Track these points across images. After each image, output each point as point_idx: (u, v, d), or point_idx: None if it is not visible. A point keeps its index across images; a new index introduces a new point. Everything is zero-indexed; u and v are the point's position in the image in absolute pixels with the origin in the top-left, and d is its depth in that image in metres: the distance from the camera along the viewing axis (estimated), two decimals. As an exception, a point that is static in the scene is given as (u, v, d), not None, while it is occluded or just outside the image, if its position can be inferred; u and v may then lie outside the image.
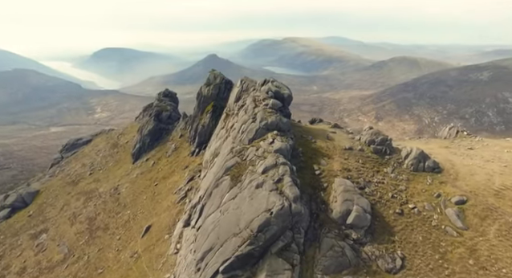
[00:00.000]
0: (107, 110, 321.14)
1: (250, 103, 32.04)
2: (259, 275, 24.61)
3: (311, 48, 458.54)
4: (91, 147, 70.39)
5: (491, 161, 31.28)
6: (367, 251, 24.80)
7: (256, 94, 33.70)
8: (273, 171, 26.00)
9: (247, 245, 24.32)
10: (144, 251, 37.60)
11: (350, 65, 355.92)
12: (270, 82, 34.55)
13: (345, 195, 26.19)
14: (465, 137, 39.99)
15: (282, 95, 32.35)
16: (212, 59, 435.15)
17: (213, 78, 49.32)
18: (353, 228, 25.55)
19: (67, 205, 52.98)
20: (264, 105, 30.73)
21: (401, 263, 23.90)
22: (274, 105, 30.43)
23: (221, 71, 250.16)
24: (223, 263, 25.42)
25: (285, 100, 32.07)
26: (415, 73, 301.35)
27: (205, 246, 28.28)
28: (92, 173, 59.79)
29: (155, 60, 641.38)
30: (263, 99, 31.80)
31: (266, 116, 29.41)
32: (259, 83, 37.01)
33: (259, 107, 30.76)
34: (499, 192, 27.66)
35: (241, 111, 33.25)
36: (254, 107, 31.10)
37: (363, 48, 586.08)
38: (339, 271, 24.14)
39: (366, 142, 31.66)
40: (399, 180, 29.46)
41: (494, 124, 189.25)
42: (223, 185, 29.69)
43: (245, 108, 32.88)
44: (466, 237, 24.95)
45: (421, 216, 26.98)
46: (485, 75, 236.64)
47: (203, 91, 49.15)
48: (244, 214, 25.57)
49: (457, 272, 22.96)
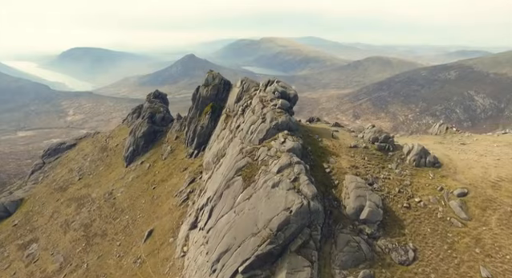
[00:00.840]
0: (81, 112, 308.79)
1: (257, 103, 32.35)
2: (279, 274, 24.96)
3: (289, 48, 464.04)
4: (76, 151, 67.73)
5: (484, 155, 33.41)
6: (381, 244, 25.80)
7: (262, 94, 34.05)
8: (288, 170, 26.50)
9: (268, 244, 24.61)
10: (149, 256, 36.96)
11: (326, 65, 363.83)
12: (276, 82, 35.05)
13: (357, 191, 27.11)
14: (454, 133, 42.35)
15: (289, 95, 32.96)
16: (190, 59, 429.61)
17: (212, 78, 49.07)
18: (366, 223, 26.49)
19: (56, 212, 50.77)
20: (273, 105, 31.18)
21: (413, 255, 25.07)
22: (283, 105, 30.98)
23: (202, 71, 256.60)
24: (243, 263, 25.54)
25: (291, 100, 32.72)
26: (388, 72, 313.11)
27: (220, 247, 28.28)
28: (81, 178, 57.62)
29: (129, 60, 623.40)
30: (271, 99, 32.24)
31: (276, 116, 29.89)
32: (263, 83, 37.40)
33: (267, 107, 31.17)
34: (496, 184, 29.59)
35: (247, 111, 33.48)
36: (262, 107, 31.46)
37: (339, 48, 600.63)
38: (355, 266, 24.97)
39: (370, 140, 32.89)
40: (403, 175, 30.85)
41: (462, 121, 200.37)
42: (235, 185, 29.83)
43: (251, 108, 33.16)
44: (470, 227, 26.51)
45: (427, 209, 28.36)
46: (452, 74, 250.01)
47: (201, 91, 48.78)
48: (262, 214, 25.83)
49: (465, 261, 24.39)
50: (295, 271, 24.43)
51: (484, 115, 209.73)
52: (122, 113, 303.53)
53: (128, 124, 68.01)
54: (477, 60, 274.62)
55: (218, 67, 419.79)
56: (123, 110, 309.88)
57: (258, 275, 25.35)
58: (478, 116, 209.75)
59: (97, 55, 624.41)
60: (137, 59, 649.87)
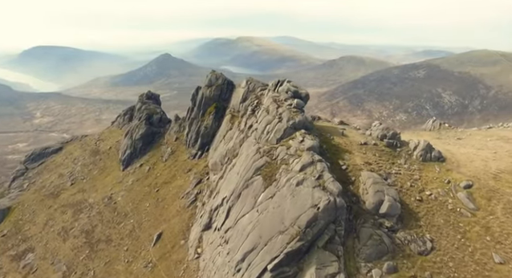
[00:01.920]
0: (50, 115, 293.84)
1: (271, 103, 32.88)
2: (308, 270, 25.65)
3: (265, 48, 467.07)
4: (63, 155, 64.86)
5: (482, 149, 35.94)
6: (400, 236, 27.16)
7: (274, 94, 34.61)
8: (311, 168, 27.28)
9: (297, 241, 25.18)
10: (160, 260, 36.47)
11: (302, 64, 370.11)
12: (286, 82, 35.73)
13: (376, 187, 28.36)
14: (447, 129, 45.07)
15: (301, 94, 33.77)
16: (165, 58, 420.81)
17: (215, 79, 48.88)
18: (385, 217, 27.79)
19: (51, 220, 48.54)
20: (288, 105, 31.85)
21: (431, 245, 26.61)
22: (298, 105, 31.75)
23: (178, 71, 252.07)
24: (271, 261, 25.98)
25: (303, 99, 33.54)
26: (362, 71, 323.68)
27: (244, 246, 28.58)
28: (74, 183, 55.36)
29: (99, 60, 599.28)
30: (285, 99, 32.89)
31: (293, 116, 30.59)
32: (273, 83, 37.96)
33: (282, 107, 31.79)
34: (496, 175, 31.95)
35: (259, 111, 33.92)
36: (277, 107, 32.03)
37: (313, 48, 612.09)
38: (379, 258, 26.13)
39: (378, 137, 34.42)
40: (412, 170, 32.58)
41: (431, 117, 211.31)
42: (255, 185, 30.22)
43: (264, 108, 33.63)
44: (479, 217, 28.52)
45: (438, 201, 30.15)
46: (421, 73, 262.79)
47: (204, 92, 48.43)
48: (288, 212, 26.40)
49: (478, 248, 26.25)
50: (324, 266, 25.21)
51: (451, 111, 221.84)
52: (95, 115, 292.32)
53: (120, 126, 66.10)
54: (443, 60, 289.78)
55: (195, 66, 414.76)
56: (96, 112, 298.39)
57: (286, 273, 25.92)
58: (446, 112, 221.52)
59: (63, 53, 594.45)
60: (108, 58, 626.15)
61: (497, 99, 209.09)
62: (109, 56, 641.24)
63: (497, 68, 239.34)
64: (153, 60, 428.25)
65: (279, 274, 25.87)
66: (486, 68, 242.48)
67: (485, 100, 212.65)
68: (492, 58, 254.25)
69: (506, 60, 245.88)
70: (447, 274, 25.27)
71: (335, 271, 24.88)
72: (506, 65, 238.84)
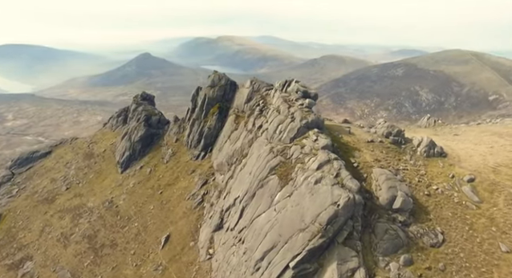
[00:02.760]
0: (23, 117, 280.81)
1: (281, 103, 33.34)
2: (329, 266, 26.36)
3: (247, 47, 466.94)
4: (54, 160, 62.56)
5: (478, 144, 37.97)
6: (413, 230, 28.35)
7: (284, 94, 35.07)
8: (328, 166, 28.00)
9: (319, 238, 25.81)
10: (170, 262, 36.19)
11: (285, 63, 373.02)
12: (295, 82, 36.30)
13: (388, 183, 29.48)
14: (442, 126, 47.17)
15: (310, 94, 34.41)
16: (145, 57, 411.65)
17: (218, 79, 48.72)
18: (399, 212, 28.92)
19: (48, 226, 46.83)
20: (300, 105, 32.43)
21: (442, 238, 27.93)
22: (310, 104, 32.36)
23: (159, 71, 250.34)
24: (293, 259, 26.53)
25: (312, 99, 34.18)
26: (343, 70, 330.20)
27: (263, 245, 28.98)
28: (69, 187, 53.57)
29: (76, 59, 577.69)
30: (296, 99, 33.42)
31: (306, 115, 31.21)
32: (280, 83, 38.44)
33: (294, 107, 32.34)
34: (495, 169, 33.89)
35: (269, 111, 34.31)
36: (289, 107, 32.52)
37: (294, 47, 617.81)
38: (395, 252, 27.16)
39: (383, 134, 35.69)
40: (418, 166, 34.03)
41: (411, 114, 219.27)
42: (270, 184, 30.63)
43: (275, 108, 34.06)
44: (483, 209, 30.18)
45: (445, 195, 31.67)
46: (399, 71, 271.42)
47: (207, 93, 48.15)
48: (308, 210, 26.98)
49: (485, 239, 27.79)
50: (344, 262, 26.00)
51: (428, 108, 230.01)
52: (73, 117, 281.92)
53: (113, 129, 64.47)
54: (419, 59, 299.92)
55: (177, 66, 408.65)
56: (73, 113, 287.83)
57: (307, 269, 26.55)
58: (424, 109, 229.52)
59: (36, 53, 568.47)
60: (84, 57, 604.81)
61: (470, 96, 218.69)
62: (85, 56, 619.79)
63: (468, 67, 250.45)
64: (133, 60, 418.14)
65: (301, 271, 26.45)
66: (459, 67, 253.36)
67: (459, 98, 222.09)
68: (464, 57, 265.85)
69: (477, 59, 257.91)
70: (459, 264, 26.60)
71: (355, 266, 25.77)
72: (477, 64, 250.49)
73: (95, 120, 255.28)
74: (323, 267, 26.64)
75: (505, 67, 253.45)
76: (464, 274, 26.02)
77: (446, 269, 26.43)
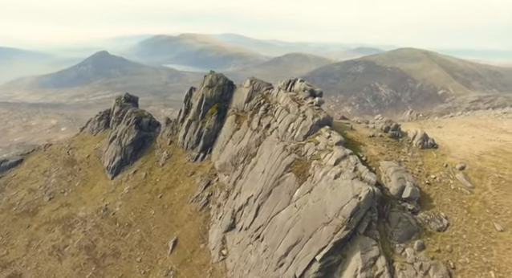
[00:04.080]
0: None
1: (290, 102, 34.18)
2: (352, 256, 27.89)
3: (210, 45, 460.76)
4: (28, 168, 57.73)
5: (462, 135, 41.85)
6: (421, 217, 30.75)
7: (291, 94, 35.89)
8: (345, 161, 29.46)
9: (344, 230, 27.20)
10: (181, 266, 35.66)
11: (250, 61, 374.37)
12: (300, 81, 37.28)
13: (397, 174, 31.67)
14: (423, 119, 51.04)
15: (316, 92, 35.64)
16: (103, 56, 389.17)
17: (216, 79, 48.10)
18: (407, 201, 31.18)
19: (34, 240, 43.38)
20: (309, 103, 33.49)
21: (447, 222, 30.64)
22: (319, 102, 33.55)
23: (119, 70, 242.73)
24: (319, 252, 27.70)
25: (319, 97, 35.45)
26: (307, 68, 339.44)
27: (286, 241, 29.82)
28: (53, 197, 49.88)
29: (20, 58, 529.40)
30: (305, 98, 34.41)
31: (317, 113, 32.39)
32: (284, 82, 39.16)
33: (304, 105, 33.33)
34: (480, 156, 37.67)
35: (278, 111, 34.99)
36: (298, 106, 33.43)
37: (258, 45, 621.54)
38: (409, 238, 29.32)
39: (382, 129, 38.05)
40: (415, 157, 36.80)
41: (372, 108, 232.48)
42: (287, 181, 31.44)
43: (283, 107, 34.81)
44: (476, 193, 33.51)
45: (442, 183, 34.63)
46: (360, 68, 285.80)
47: (205, 93, 47.35)
48: (330, 204, 28.23)
49: (482, 220, 30.89)
50: (367, 251, 27.65)
51: (387, 103, 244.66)
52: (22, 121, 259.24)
53: (93, 133, 60.95)
54: (377, 57, 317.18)
55: (138, 64, 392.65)
56: (22, 117, 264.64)
57: (331, 261, 27.87)
58: (383, 103, 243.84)
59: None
60: (30, 56, 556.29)
61: (423, 91, 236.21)
62: (31, 54, 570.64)
63: (420, 64, 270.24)
64: (89, 58, 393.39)
65: (326, 263, 27.71)
66: (412, 64, 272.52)
67: (414, 92, 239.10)
68: (416, 55, 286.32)
69: (427, 57, 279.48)
70: (463, 245, 29.41)
71: (376, 254, 27.55)
72: (427, 61, 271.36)
73: (48, 123, 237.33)
74: (347, 257, 28.06)
75: (451, 64, 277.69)
76: (468, 253, 28.80)
77: (453, 250, 29.06)
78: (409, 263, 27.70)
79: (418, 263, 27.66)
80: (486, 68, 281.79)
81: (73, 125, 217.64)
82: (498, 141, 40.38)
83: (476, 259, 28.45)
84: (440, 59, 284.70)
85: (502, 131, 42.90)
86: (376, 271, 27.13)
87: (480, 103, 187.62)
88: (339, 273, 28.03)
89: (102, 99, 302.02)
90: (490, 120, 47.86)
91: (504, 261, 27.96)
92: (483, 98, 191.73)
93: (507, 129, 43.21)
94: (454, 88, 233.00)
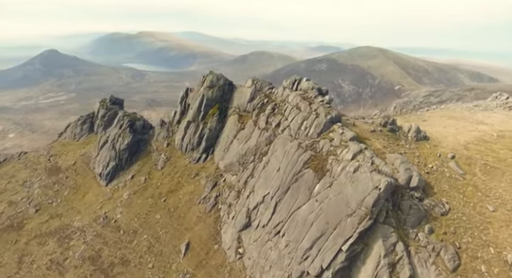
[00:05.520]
0: None
1: (300, 101, 35.29)
2: (374, 243, 29.76)
3: (171, 43, 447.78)
4: (3, 180, 52.60)
5: (446, 127, 45.89)
6: (427, 203, 33.42)
7: (299, 92, 36.95)
8: (361, 156, 31.27)
9: (367, 220, 29.00)
10: (197, 268, 35.41)
11: (214, 60, 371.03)
12: (305, 80, 38.45)
13: (404, 165, 34.17)
14: (408, 114, 54.91)
15: (322, 91, 37.13)
16: (52, 54, 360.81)
17: (216, 80, 47.45)
18: (414, 189, 33.70)
19: (26, 255, 40.05)
20: (320, 102, 34.80)
21: (448, 207, 33.71)
22: (329, 100, 35.03)
23: (72, 70, 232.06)
24: (345, 242, 29.27)
25: (325, 95, 37.01)
26: (272, 66, 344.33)
27: (311, 235, 31.04)
28: (40, 209, 46.18)
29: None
30: (314, 96, 35.67)
31: (329, 111, 33.85)
32: (290, 82, 40.05)
33: (315, 103, 34.60)
34: (466, 146, 41.66)
35: (289, 109, 35.90)
36: (309, 104, 34.64)
37: (221, 43, 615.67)
38: (419, 224, 31.79)
39: (381, 124, 40.60)
40: (412, 149, 39.85)
41: (337, 104, 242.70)
42: (306, 177, 32.59)
43: (294, 105, 35.79)
44: (468, 179, 37.10)
45: (439, 171, 37.89)
46: (323, 66, 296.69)
47: (205, 94, 46.54)
48: (351, 197, 29.88)
49: (476, 202, 34.30)
50: (387, 238, 29.67)
51: (350, 98, 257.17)
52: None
53: (76, 138, 57.18)
54: (338, 54, 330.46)
55: (93, 64, 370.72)
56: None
57: (355, 250, 29.61)
58: (347, 99, 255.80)
59: None
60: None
61: (381, 87, 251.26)
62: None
63: (377, 61, 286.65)
64: (36, 57, 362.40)
65: (351, 252, 29.40)
66: (371, 61, 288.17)
67: (373, 88, 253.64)
68: (373, 53, 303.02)
69: (383, 55, 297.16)
70: (464, 226, 32.58)
71: (395, 241, 29.73)
72: (383, 59, 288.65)
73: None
74: (369, 245, 29.88)
75: (404, 61, 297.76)
76: (469, 233, 32.01)
77: (456, 232, 32.10)
78: (423, 247, 30.08)
79: (430, 245, 30.13)
80: (434, 65, 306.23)
81: (23, 131, 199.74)
82: (478, 131, 44.83)
83: (476, 238, 31.63)
84: (395, 56, 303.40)
85: (479, 122, 47.65)
86: (397, 256, 29.26)
87: (431, 97, 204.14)
88: (362, 261, 29.77)
89: (55, 102, 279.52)
90: (466, 112, 52.76)
91: (500, 238, 31.44)
92: (433, 92, 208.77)
93: (483, 121, 48.07)
94: (408, 84, 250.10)
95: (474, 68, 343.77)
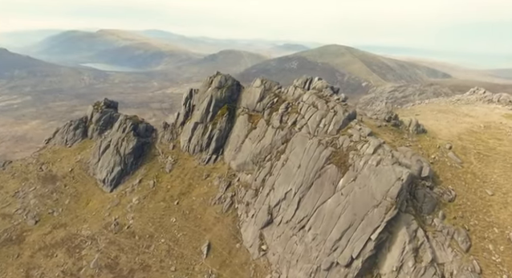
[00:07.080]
0: None
1: (317, 99, 36.58)
2: (399, 231, 31.96)
3: (136, 42, 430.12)
4: (-11, 191, 48.50)
5: (438, 121, 49.66)
6: (436, 191, 36.23)
7: (314, 91, 38.16)
8: (381, 150, 33.27)
9: (394, 210, 31.08)
10: (222, 268, 35.63)
11: (183, 59, 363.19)
12: (318, 79, 39.72)
13: (415, 157, 36.86)
14: (399, 109, 58.45)
15: (334, 89, 38.69)
16: (1, 54, 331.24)
17: (225, 80, 47.07)
18: (425, 179, 36.45)
19: (33, 269, 37.50)
20: (336, 99, 36.28)
21: (454, 193, 36.78)
22: (345, 98, 36.61)
23: (26, 71, 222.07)
24: (374, 231, 31.18)
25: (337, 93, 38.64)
26: (243, 65, 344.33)
27: (339, 226, 32.64)
28: (40, 220, 43.23)
29: None
30: (330, 95, 37.07)
31: (346, 108, 35.48)
32: (302, 81, 41.08)
33: (331, 102, 36.06)
34: (459, 137, 45.48)
35: (305, 108, 37.01)
36: (326, 102, 36.01)
37: (187, 42, 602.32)
38: (433, 210, 34.52)
39: (385, 119, 43.13)
40: (415, 141, 42.85)
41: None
42: (329, 173, 34.03)
43: (310, 104, 37.01)
44: (465, 167, 40.63)
45: (441, 161, 41.12)
46: (294, 64, 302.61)
47: (214, 94, 46.02)
48: (376, 188, 31.78)
49: (476, 188, 37.67)
50: (409, 225, 32.00)
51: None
52: None
53: (68, 144, 53.94)
54: (308, 53, 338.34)
55: (50, 64, 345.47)
56: None
57: (382, 239, 31.63)
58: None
59: None
60: None
61: (350, 83, 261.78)
62: None
63: (345, 59, 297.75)
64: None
65: (379, 241, 31.45)
66: (338, 59, 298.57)
67: (342, 85, 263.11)
68: (340, 51, 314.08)
69: (349, 53, 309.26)
70: (470, 210, 35.80)
71: (416, 227, 32.19)
72: (350, 57, 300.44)
73: None
74: (393, 233, 32.04)
75: (369, 58, 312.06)
76: (475, 216, 35.28)
77: (464, 216, 35.22)
78: (439, 231, 32.78)
79: (445, 230, 32.89)
80: (395, 62, 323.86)
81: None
82: (466, 123, 48.99)
83: (482, 220, 34.93)
84: (360, 54, 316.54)
85: (465, 115, 52.04)
86: (418, 241, 31.71)
87: (396, 92, 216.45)
88: (387, 248, 31.90)
89: (7, 105, 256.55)
90: (451, 106, 57.25)
91: (501, 218, 34.98)
92: (397, 88, 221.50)
93: (468, 113, 52.54)
94: (374, 80, 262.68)
95: (430, 65, 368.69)
